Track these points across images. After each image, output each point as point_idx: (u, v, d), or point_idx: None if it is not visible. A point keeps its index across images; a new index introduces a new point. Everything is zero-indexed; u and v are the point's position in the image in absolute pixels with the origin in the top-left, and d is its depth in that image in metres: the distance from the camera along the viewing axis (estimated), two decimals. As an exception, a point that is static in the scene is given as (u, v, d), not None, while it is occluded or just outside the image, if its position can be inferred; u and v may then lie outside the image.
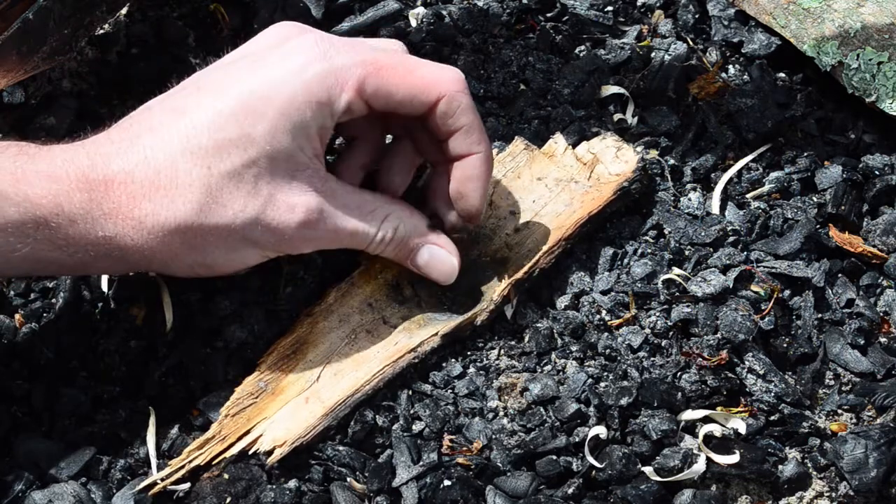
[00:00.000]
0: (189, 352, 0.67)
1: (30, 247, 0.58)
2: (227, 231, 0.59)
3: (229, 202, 0.59)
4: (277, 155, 0.59)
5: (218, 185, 0.59)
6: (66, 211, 0.58)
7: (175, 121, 0.59)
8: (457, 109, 0.62)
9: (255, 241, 0.61)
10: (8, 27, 0.70)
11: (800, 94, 0.81)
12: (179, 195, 0.58)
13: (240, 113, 0.59)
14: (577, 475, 0.63)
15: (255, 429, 0.63)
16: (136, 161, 0.59)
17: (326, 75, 0.60)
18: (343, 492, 0.62)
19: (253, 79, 0.60)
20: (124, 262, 0.61)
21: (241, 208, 0.59)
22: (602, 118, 0.78)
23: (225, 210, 0.59)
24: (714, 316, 0.68)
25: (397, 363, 0.65)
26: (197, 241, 0.60)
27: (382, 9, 0.84)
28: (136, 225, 0.59)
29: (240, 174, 0.59)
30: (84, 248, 0.59)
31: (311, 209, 0.60)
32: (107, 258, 0.60)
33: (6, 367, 0.67)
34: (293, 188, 0.60)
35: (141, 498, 0.61)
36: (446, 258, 0.66)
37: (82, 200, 0.58)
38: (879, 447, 0.65)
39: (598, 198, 0.70)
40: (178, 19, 0.84)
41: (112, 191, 0.59)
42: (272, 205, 0.59)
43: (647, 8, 0.87)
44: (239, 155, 0.59)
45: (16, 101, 0.80)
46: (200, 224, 0.59)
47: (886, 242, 0.74)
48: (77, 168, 0.59)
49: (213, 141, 0.59)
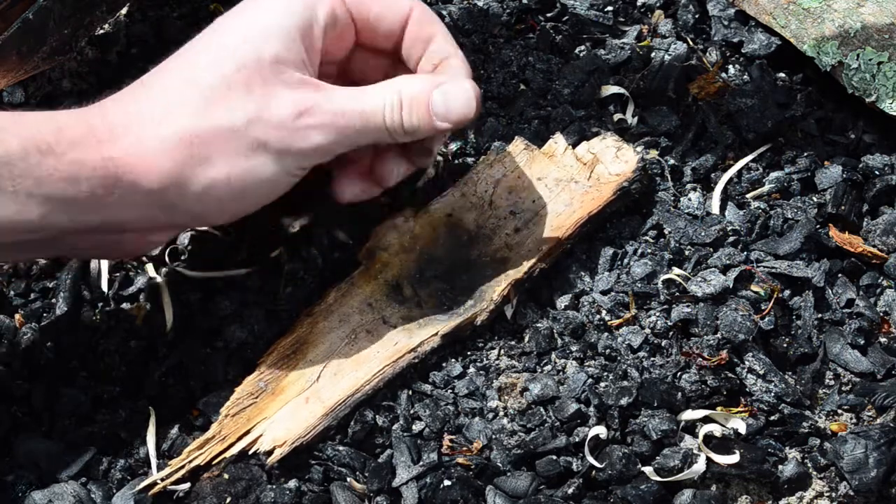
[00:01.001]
0: (189, 352, 0.67)
1: (34, 179, 0.56)
2: (230, 132, 0.59)
3: (225, 105, 0.59)
4: (263, 57, 0.59)
5: (210, 92, 0.59)
6: (67, 136, 0.57)
7: (170, 62, 0.61)
8: (430, 16, 0.64)
9: (262, 142, 0.59)
10: (8, 27, 0.70)
11: (800, 94, 0.81)
12: (175, 108, 0.59)
13: (230, 31, 0.60)
14: (577, 475, 0.63)
15: (255, 429, 0.63)
16: (131, 97, 0.60)
17: None
18: (343, 492, 0.62)
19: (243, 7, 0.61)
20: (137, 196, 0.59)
21: (238, 108, 0.59)
22: (602, 118, 0.78)
23: (221, 112, 0.59)
24: (714, 316, 0.68)
25: (397, 363, 0.65)
26: (204, 150, 0.59)
27: (382, 9, 0.84)
28: (138, 140, 0.58)
29: (231, 79, 0.59)
30: (92, 175, 0.57)
31: (301, 100, 0.60)
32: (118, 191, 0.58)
33: (6, 367, 0.67)
34: (284, 88, 0.60)
35: (141, 498, 0.61)
36: (460, 88, 0.63)
37: (81, 129, 0.58)
38: (879, 447, 0.65)
39: (597, 198, 0.70)
40: (178, 19, 0.84)
41: (108, 115, 0.59)
42: (267, 101, 0.59)
43: (647, 8, 0.87)
44: (226, 62, 0.59)
45: (16, 101, 0.80)
46: (202, 128, 0.58)
47: (886, 242, 0.74)
48: (73, 112, 0.59)
49: (206, 57, 0.60)
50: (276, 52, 0.59)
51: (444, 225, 0.71)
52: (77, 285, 0.70)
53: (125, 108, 0.60)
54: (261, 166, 0.60)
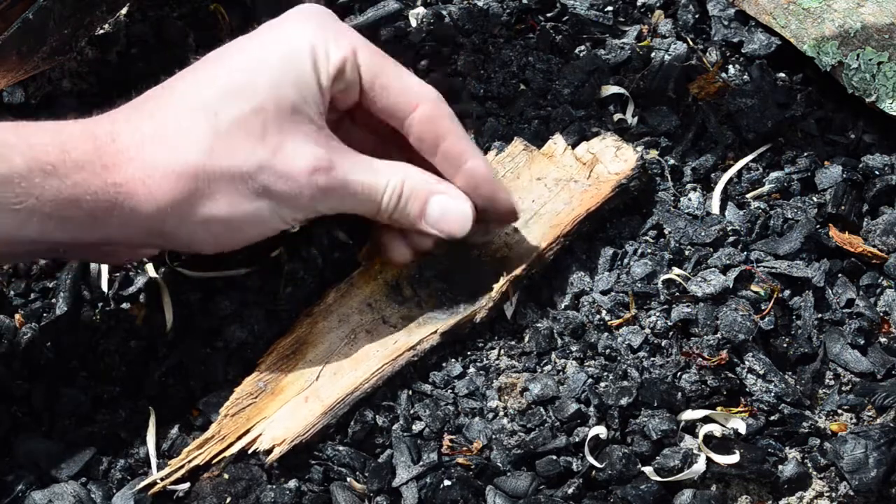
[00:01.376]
0: (189, 352, 0.67)
1: (36, 199, 0.56)
2: (237, 175, 0.59)
3: (237, 146, 0.59)
4: (282, 104, 0.59)
5: (225, 130, 0.58)
6: (73, 157, 0.57)
7: (180, 83, 0.60)
8: (443, 113, 0.63)
9: (268, 190, 0.59)
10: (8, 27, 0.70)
11: (800, 94, 0.81)
12: (186, 140, 0.58)
13: (243, 66, 0.60)
14: (577, 475, 0.63)
15: (254, 428, 0.63)
16: (140, 117, 0.59)
17: (325, 31, 0.61)
18: (343, 492, 0.62)
19: (254, 41, 0.61)
20: (135, 220, 0.59)
21: (250, 152, 0.59)
22: (602, 118, 0.78)
23: (233, 154, 0.58)
24: (714, 316, 0.68)
25: (396, 361, 0.65)
26: (208, 187, 0.58)
27: (382, 9, 0.85)
28: (143, 168, 0.58)
29: (247, 120, 0.59)
30: (94, 198, 0.57)
31: (320, 157, 0.60)
32: (118, 213, 0.58)
33: (6, 367, 0.67)
34: (301, 138, 0.60)
35: (141, 498, 0.61)
36: (459, 206, 0.64)
37: (87, 149, 0.57)
38: (879, 447, 0.65)
39: (596, 195, 0.70)
40: (178, 19, 0.84)
41: (118, 140, 0.58)
42: (281, 151, 0.59)
43: (647, 8, 0.87)
44: (245, 102, 0.59)
45: (16, 101, 0.80)
46: (211, 167, 0.58)
47: (886, 242, 0.74)
48: (80, 125, 0.59)
49: (218, 90, 0.59)
50: (295, 101, 0.60)
51: (444, 225, 0.71)
52: (77, 285, 0.70)
53: (135, 132, 0.59)
54: (261, 211, 0.60)
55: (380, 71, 0.63)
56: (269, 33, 0.62)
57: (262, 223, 0.61)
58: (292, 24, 0.62)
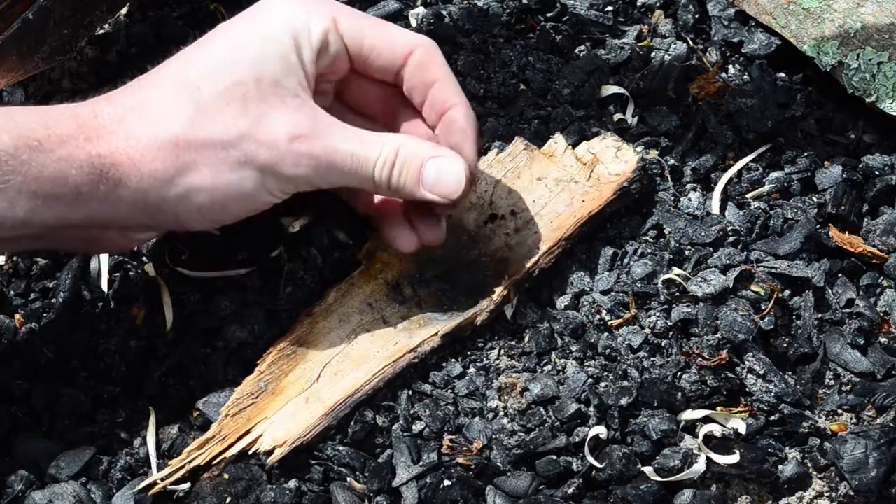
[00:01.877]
0: (189, 352, 0.67)
1: (24, 175, 0.57)
2: (220, 144, 0.59)
3: (219, 118, 0.59)
4: (264, 77, 0.60)
5: (207, 103, 0.59)
6: (57, 133, 0.58)
7: (165, 67, 0.61)
8: (433, 60, 0.64)
9: (250, 158, 0.60)
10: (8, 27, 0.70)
11: (800, 94, 0.81)
12: (169, 113, 0.59)
13: (226, 45, 0.61)
14: (577, 475, 0.63)
15: (255, 429, 0.63)
16: (123, 95, 0.60)
17: (305, 5, 0.62)
18: (343, 492, 0.62)
19: (238, 22, 0.62)
20: (121, 194, 0.59)
21: (231, 123, 0.59)
22: (602, 118, 0.78)
23: (215, 124, 0.59)
24: (714, 316, 0.68)
25: (397, 363, 0.65)
26: (191, 157, 0.59)
27: (382, 9, 0.84)
28: (126, 139, 0.59)
29: (229, 92, 0.59)
30: (79, 171, 0.58)
31: (300, 124, 0.60)
32: (104, 188, 0.59)
33: (6, 367, 0.67)
34: (282, 108, 0.60)
35: (141, 498, 0.61)
36: (454, 167, 0.63)
37: (70, 125, 0.58)
38: (879, 447, 0.65)
39: (598, 197, 0.70)
40: (178, 19, 0.84)
41: (100, 116, 0.59)
42: (262, 121, 0.60)
43: (647, 8, 0.87)
44: (227, 76, 0.60)
45: (16, 101, 0.80)
46: (193, 136, 0.59)
47: (886, 242, 0.74)
48: (65, 108, 0.60)
49: (201, 69, 0.60)
50: (275, 74, 0.60)
51: (444, 225, 0.71)
52: (77, 285, 0.70)
53: (117, 106, 0.60)
54: (244, 181, 0.60)
55: (364, 33, 0.63)
56: (251, 16, 0.63)
57: (248, 195, 0.61)
58: (273, 3, 0.62)
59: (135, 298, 0.70)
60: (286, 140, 0.60)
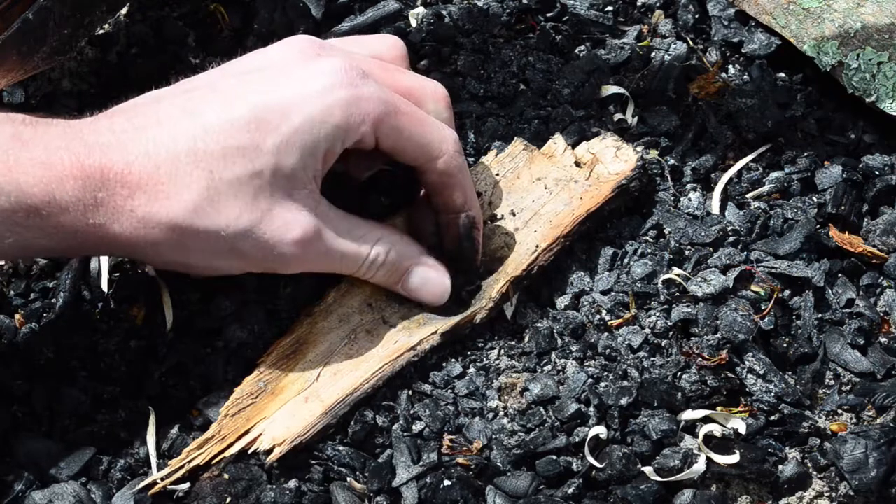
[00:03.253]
0: (189, 352, 0.67)
1: (18, 235, 0.57)
2: (216, 237, 0.59)
3: (225, 209, 0.58)
4: (281, 170, 0.59)
5: (217, 190, 0.58)
6: (59, 199, 0.57)
7: (185, 119, 0.59)
8: (453, 169, 0.64)
9: (243, 253, 0.60)
10: (8, 27, 0.70)
11: (800, 94, 0.81)
12: (176, 192, 0.58)
13: (253, 123, 0.59)
14: (577, 475, 0.63)
15: (254, 428, 0.63)
16: (136, 153, 0.58)
17: (349, 104, 0.60)
18: (343, 492, 0.62)
19: (273, 91, 0.60)
20: (108, 250, 0.61)
21: (235, 216, 0.59)
22: (602, 118, 0.78)
23: (219, 216, 0.58)
24: (714, 316, 0.68)
25: (397, 362, 0.65)
26: (184, 241, 0.59)
27: (382, 9, 0.84)
28: (127, 215, 0.58)
29: (241, 183, 0.58)
30: (73, 236, 0.58)
31: (307, 228, 0.60)
32: (93, 245, 0.60)
33: (6, 367, 0.67)
34: (291, 205, 0.60)
35: (141, 498, 0.61)
36: (438, 280, 0.66)
37: (75, 188, 0.57)
38: (879, 447, 0.65)
39: (596, 195, 0.70)
40: (178, 19, 0.84)
41: (108, 180, 0.58)
42: (268, 218, 0.59)
43: (647, 8, 0.87)
44: (244, 164, 0.58)
45: (16, 101, 0.80)
46: (192, 225, 0.58)
47: (886, 242, 0.74)
48: (73, 154, 0.58)
49: (220, 146, 0.58)
50: (295, 168, 0.59)
51: (444, 225, 0.71)
52: (77, 285, 0.70)
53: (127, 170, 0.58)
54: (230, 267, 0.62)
55: (401, 136, 0.62)
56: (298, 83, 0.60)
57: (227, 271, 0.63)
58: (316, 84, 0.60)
59: (135, 298, 0.70)
60: (289, 244, 0.60)
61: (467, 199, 0.66)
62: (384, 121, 0.61)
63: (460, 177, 0.65)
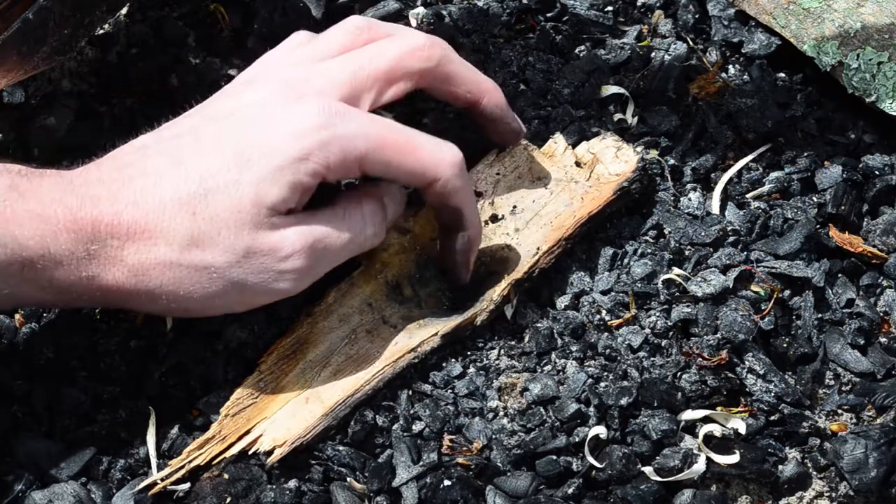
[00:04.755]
0: (189, 352, 0.67)
1: (13, 287, 0.58)
2: (209, 273, 0.59)
3: (211, 244, 0.59)
4: (262, 201, 0.59)
5: (200, 228, 0.59)
6: (53, 252, 0.58)
7: (170, 168, 0.60)
8: (451, 192, 0.63)
9: (243, 283, 0.60)
10: (8, 27, 0.70)
11: (800, 94, 0.81)
12: (163, 236, 0.59)
13: (232, 162, 0.60)
14: (577, 475, 0.64)
15: (254, 429, 0.63)
16: (125, 203, 0.59)
17: (328, 144, 0.60)
18: (343, 492, 0.62)
19: (252, 135, 0.60)
20: (104, 300, 0.61)
21: (223, 249, 0.59)
22: (602, 118, 0.78)
23: (206, 251, 0.59)
24: (714, 316, 0.68)
25: (397, 363, 0.65)
26: (178, 283, 0.60)
27: (382, 9, 0.84)
28: (119, 265, 0.59)
29: (222, 219, 0.59)
30: (67, 289, 0.59)
31: (297, 239, 0.60)
32: (88, 297, 0.60)
33: (6, 367, 0.67)
34: (278, 229, 0.60)
35: (141, 498, 0.61)
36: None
37: (68, 241, 0.58)
38: (879, 447, 0.65)
39: (597, 198, 0.70)
40: (178, 19, 0.84)
41: (99, 232, 0.59)
42: (257, 245, 0.59)
43: (647, 8, 0.87)
44: (225, 199, 0.59)
45: (16, 101, 0.80)
46: (181, 264, 0.59)
47: (886, 242, 0.74)
48: (66, 208, 0.58)
49: (203, 188, 0.59)
50: (274, 200, 0.59)
51: (444, 225, 0.71)
52: (77, 285, 0.70)
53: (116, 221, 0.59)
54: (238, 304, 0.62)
55: (388, 167, 0.62)
56: (276, 125, 0.60)
57: (231, 308, 0.63)
58: (294, 127, 0.60)
59: (135, 298, 0.69)
60: (282, 261, 0.60)
61: (466, 220, 0.65)
62: (368, 156, 0.61)
63: (458, 198, 0.64)
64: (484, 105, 0.67)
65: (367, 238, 0.64)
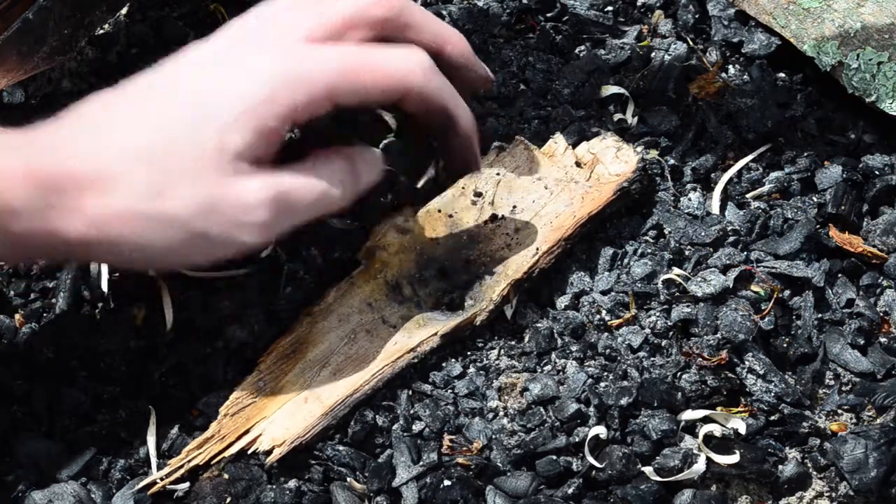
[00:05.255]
0: (189, 352, 0.67)
1: None
2: (170, 223, 0.58)
3: (172, 193, 0.58)
4: (225, 149, 0.58)
5: (161, 178, 0.58)
6: (10, 202, 0.56)
7: (130, 118, 0.59)
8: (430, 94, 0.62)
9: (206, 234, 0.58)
10: (8, 27, 0.70)
11: (800, 94, 0.81)
12: (123, 187, 0.57)
13: (193, 110, 0.58)
14: (577, 475, 0.64)
15: (254, 428, 0.63)
16: (85, 153, 0.58)
17: (292, 82, 0.58)
18: (343, 492, 0.62)
19: (214, 81, 0.59)
20: (65, 253, 0.60)
21: (184, 198, 0.58)
22: (602, 118, 0.78)
23: (167, 201, 0.58)
24: (714, 316, 0.68)
25: (396, 363, 0.65)
26: (139, 234, 0.58)
27: (382, 9, 0.84)
28: (79, 215, 0.57)
29: (184, 167, 0.58)
30: (26, 241, 0.58)
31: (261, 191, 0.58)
32: (49, 250, 0.59)
33: (6, 367, 0.67)
34: (242, 178, 0.58)
35: (141, 498, 0.61)
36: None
37: (27, 191, 0.57)
38: (879, 447, 0.65)
39: (598, 198, 0.70)
40: (178, 19, 0.84)
41: (58, 182, 0.57)
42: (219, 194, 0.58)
43: (647, 8, 0.87)
44: (185, 148, 0.58)
45: (16, 101, 0.80)
46: (141, 213, 0.58)
47: (886, 242, 0.74)
48: (23, 158, 0.57)
49: (163, 136, 0.58)
50: (238, 146, 0.58)
51: (443, 224, 0.71)
52: (77, 285, 0.70)
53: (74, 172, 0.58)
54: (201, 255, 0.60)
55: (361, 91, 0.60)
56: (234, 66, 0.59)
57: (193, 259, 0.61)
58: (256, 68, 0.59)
59: (135, 298, 0.70)
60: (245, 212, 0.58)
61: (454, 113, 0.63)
62: (337, 86, 0.59)
63: (440, 97, 0.62)
64: (448, 53, 0.65)
65: (335, 198, 0.61)
